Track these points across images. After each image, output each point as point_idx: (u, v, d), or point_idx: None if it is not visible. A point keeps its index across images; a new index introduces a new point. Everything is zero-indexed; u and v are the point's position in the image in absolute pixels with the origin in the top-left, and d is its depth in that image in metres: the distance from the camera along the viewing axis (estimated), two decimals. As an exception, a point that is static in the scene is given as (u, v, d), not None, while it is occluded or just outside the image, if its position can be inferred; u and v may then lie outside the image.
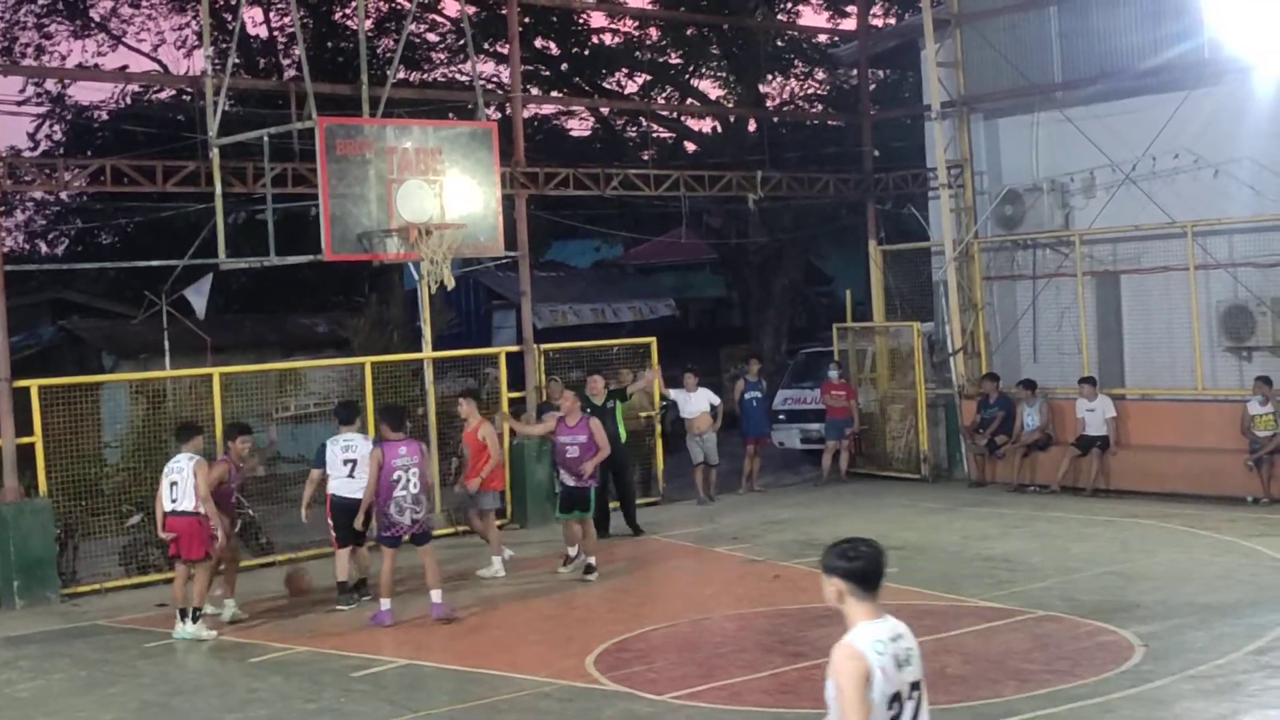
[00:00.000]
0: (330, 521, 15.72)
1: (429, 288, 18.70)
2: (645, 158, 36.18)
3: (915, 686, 5.78)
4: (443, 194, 18.36)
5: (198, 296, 23.11)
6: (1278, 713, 10.28)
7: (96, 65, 34.78)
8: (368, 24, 28.47)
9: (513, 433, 20.83)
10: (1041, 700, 10.79)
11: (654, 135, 37.62)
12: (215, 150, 18.10)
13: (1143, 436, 21.23)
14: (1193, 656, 11.81)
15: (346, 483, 15.58)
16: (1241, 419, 19.94)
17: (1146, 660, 11.77)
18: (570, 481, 16.72)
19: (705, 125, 37.55)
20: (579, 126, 38.69)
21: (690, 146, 37.69)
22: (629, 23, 34.19)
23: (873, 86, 30.86)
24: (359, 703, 11.81)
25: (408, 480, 14.51)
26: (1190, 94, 21.25)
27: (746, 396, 23.48)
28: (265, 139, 18.11)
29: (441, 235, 18.00)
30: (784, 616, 14.17)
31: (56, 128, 35.89)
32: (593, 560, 16.67)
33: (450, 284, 18.17)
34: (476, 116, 20.25)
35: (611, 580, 16.83)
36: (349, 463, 15.64)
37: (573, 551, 17.05)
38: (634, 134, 37.88)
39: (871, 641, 5.66)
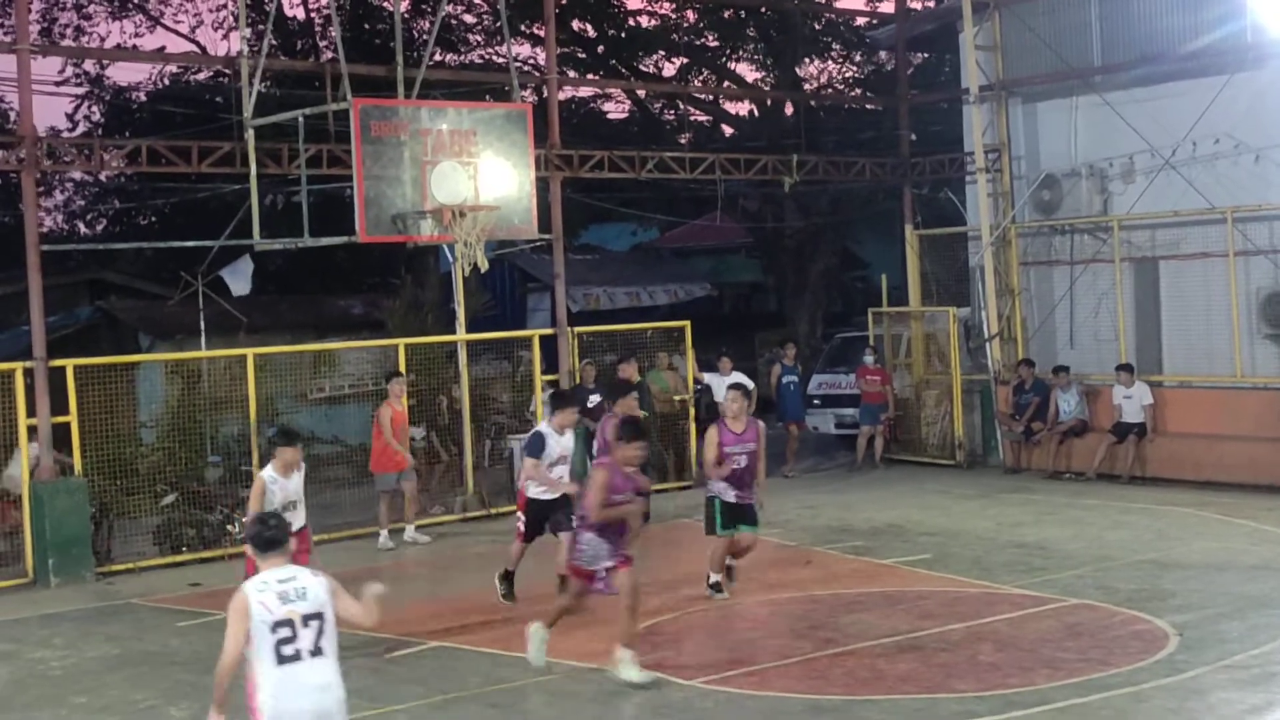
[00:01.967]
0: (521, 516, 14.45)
1: (463, 270, 18.68)
2: (682, 141, 36.11)
3: (312, 617, 7.67)
4: (477, 176, 18.32)
5: (235, 276, 23.19)
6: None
7: (135, 46, 34.86)
8: (404, 5, 28.50)
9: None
10: (1073, 689, 10.70)
11: (691, 119, 37.52)
12: (250, 131, 18.11)
13: (1180, 424, 21.05)
14: (1228, 647, 11.71)
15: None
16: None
17: (1180, 650, 11.67)
18: (731, 496, 14.13)
19: (742, 109, 37.47)
20: (616, 110, 38.67)
21: (727, 130, 37.59)
22: (666, 5, 34.11)
23: (910, 70, 30.67)
24: (391, 684, 11.81)
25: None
26: (1232, 78, 21.03)
27: (784, 381, 23.43)
28: (300, 120, 18.11)
29: (475, 217, 17.96)
30: (815, 602, 14.13)
31: (95, 108, 36.07)
32: (720, 578, 14.50)
33: (484, 266, 18.13)
34: (511, 98, 20.22)
35: (643, 563, 16.74)
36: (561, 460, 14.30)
37: (715, 577, 14.52)
38: (671, 117, 37.79)
39: (255, 582, 7.65)
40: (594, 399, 20.71)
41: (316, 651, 7.65)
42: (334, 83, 18.69)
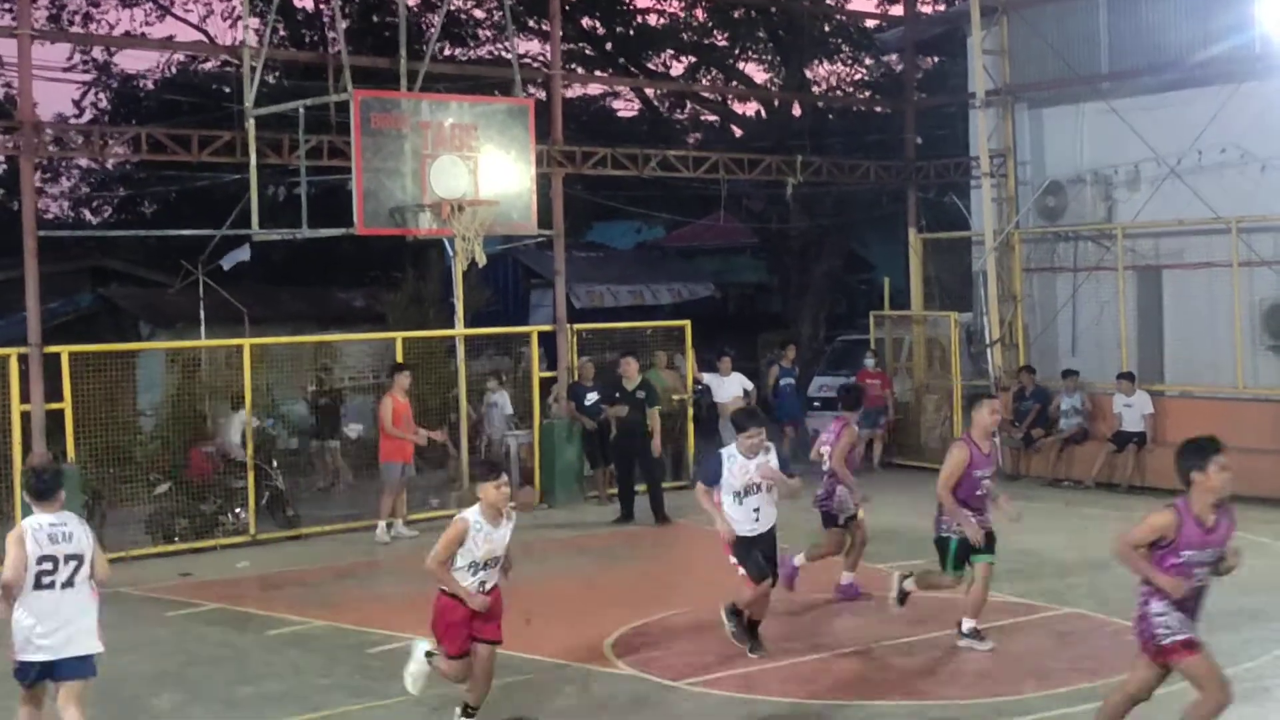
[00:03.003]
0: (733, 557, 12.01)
1: (462, 265, 18.63)
2: (691, 141, 36.01)
3: (72, 558, 9.08)
4: (477, 170, 18.29)
5: (232, 257, 23.16)
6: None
7: (143, 34, 34.79)
8: (412, -1, 28.44)
9: (544, 413, 20.82)
10: (1061, 699, 10.64)
11: (699, 118, 37.40)
12: (251, 121, 18.06)
13: (1180, 434, 20.55)
14: (1220, 659, 11.53)
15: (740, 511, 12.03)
16: (1281, 419, 19.68)
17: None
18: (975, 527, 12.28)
19: (750, 109, 37.34)
20: (625, 108, 38.58)
21: (736, 130, 37.47)
22: (675, 3, 34.00)
23: (919, 74, 30.57)
24: (374, 679, 11.75)
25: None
26: (1239, 88, 20.94)
27: (781, 382, 23.37)
28: (300, 111, 18.06)
29: (474, 212, 17.92)
30: (805, 607, 14.04)
31: (102, 95, 36.00)
32: (973, 624, 12.40)
33: (481, 261, 18.09)
34: (514, 94, 20.16)
35: (634, 564, 16.76)
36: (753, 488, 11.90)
37: (900, 589, 12.84)
38: (680, 117, 37.67)
39: (31, 521, 9.11)
40: (591, 397, 20.68)
41: (68, 584, 9.08)
42: (337, 74, 18.65)
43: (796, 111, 33.06)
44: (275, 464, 18.95)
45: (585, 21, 33.60)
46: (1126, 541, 8.80)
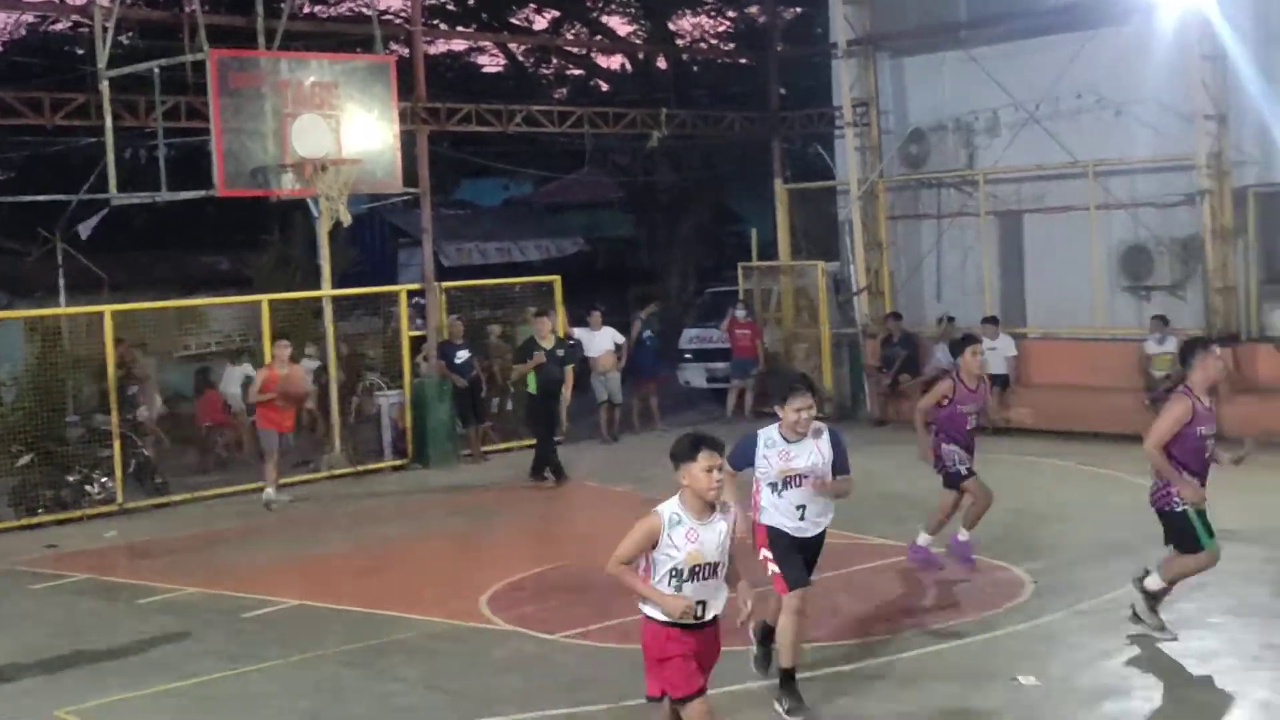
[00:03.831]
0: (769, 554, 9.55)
1: (327, 225, 18.43)
2: (556, 96, 35.85)
3: None
4: (339, 129, 18.09)
5: (89, 226, 22.71)
6: (1156, 647, 10.35)
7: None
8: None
9: (415, 371, 20.71)
10: (930, 636, 10.84)
11: (565, 73, 37.24)
12: (105, 82, 17.67)
13: (1043, 375, 21.37)
14: (1081, 592, 11.91)
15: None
16: (1139, 358, 20.13)
17: (1035, 596, 11.87)
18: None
19: (615, 63, 37.29)
20: (490, 64, 38.30)
21: (602, 85, 37.39)
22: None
23: (783, 25, 30.68)
24: (248, 644, 11.63)
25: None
26: (1095, 33, 21.27)
27: (644, 335, 23.38)
28: (155, 72, 17.70)
29: (338, 171, 17.74)
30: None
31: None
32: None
33: (347, 221, 17.94)
34: (375, 51, 19.92)
35: (510, 520, 16.76)
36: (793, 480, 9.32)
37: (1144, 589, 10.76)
38: (546, 72, 37.48)
39: None
40: (462, 354, 20.61)
41: None
42: (193, 33, 18.29)
43: (662, 65, 33.05)
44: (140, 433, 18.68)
45: (446, -24, 33.32)
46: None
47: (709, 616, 7.35)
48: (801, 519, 9.37)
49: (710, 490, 7.30)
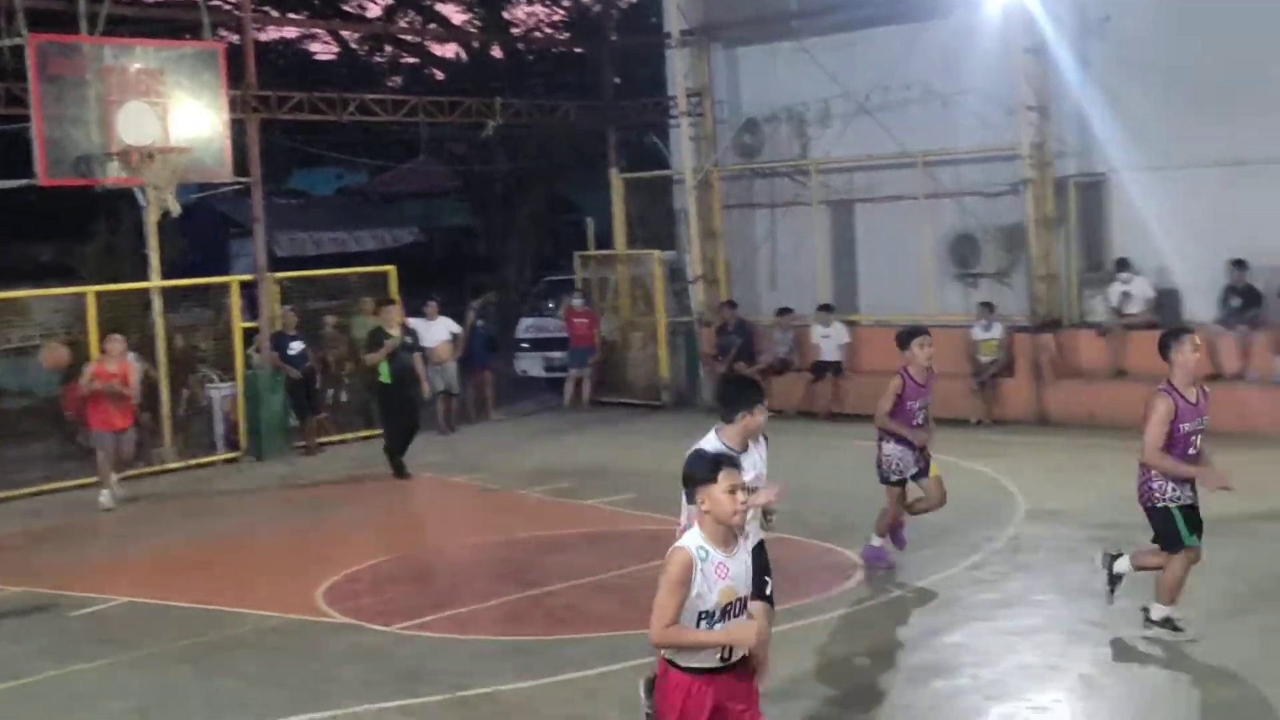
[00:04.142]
0: None
1: (155, 214, 18.07)
2: (390, 85, 35.53)
3: None
4: (166, 117, 17.77)
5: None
6: (982, 625, 10.61)
7: None
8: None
9: (247, 363, 20.40)
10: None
11: (400, 62, 36.90)
12: (-82, 67, 17.15)
13: (875, 362, 21.65)
14: (912, 573, 12.15)
15: None
16: (966, 344, 20.58)
17: (867, 578, 12.07)
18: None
19: (450, 52, 37.04)
20: (323, 52, 37.79)
21: (437, 74, 37.12)
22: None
23: (619, 14, 30.73)
24: (75, 643, 11.38)
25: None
26: (923, 25, 21.62)
27: (478, 325, 23.26)
28: (-29, 57, 17.22)
29: (165, 160, 17.43)
30: (517, 545, 14.16)
31: None
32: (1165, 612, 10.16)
33: (175, 210, 17.62)
34: (203, 37, 19.57)
35: (346, 512, 16.60)
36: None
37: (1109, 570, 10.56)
38: (380, 60, 37.12)
39: None
40: (295, 346, 20.36)
41: None
42: (10, 17, 17.79)
43: (497, 54, 32.92)
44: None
45: (277, -38, 32.77)
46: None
47: (737, 657, 6.43)
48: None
49: (736, 514, 6.33)
